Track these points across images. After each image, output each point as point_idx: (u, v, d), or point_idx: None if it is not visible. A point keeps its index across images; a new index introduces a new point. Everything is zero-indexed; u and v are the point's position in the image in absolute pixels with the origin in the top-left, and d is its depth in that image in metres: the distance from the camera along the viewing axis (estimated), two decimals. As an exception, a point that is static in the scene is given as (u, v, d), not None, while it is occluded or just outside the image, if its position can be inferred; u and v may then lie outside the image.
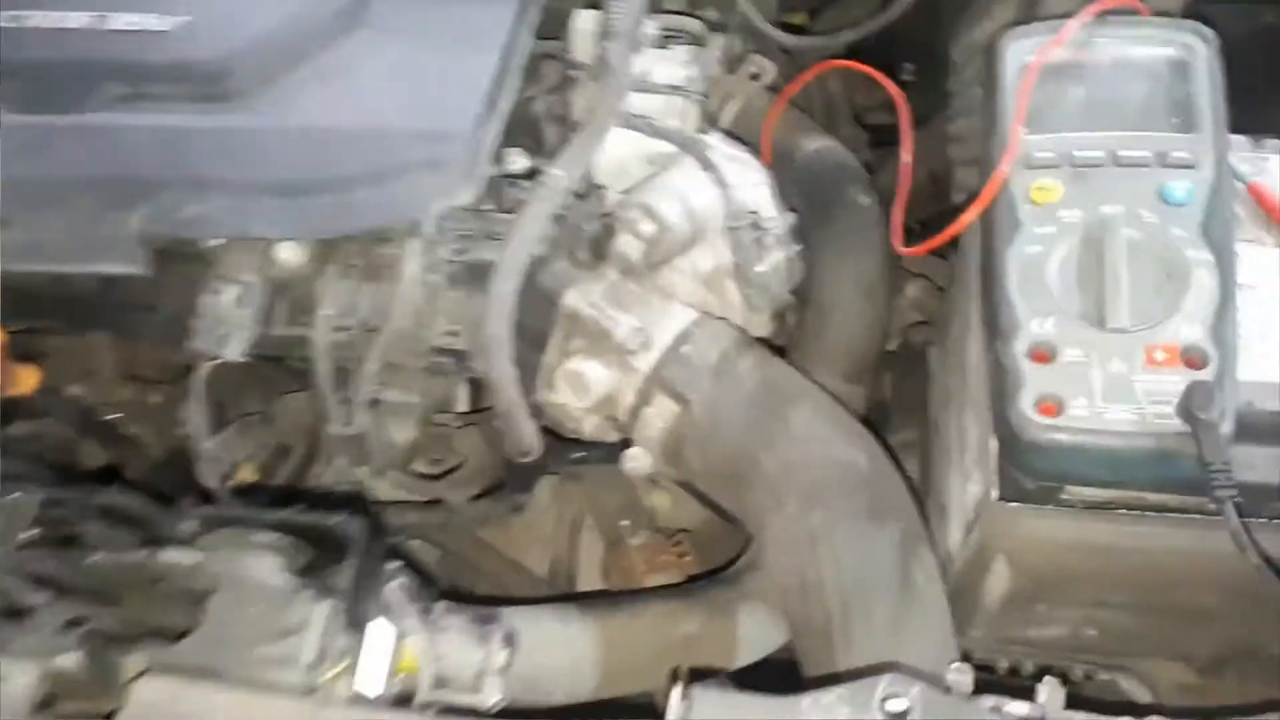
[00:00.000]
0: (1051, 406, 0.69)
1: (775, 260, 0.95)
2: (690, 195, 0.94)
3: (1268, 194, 0.79)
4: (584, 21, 1.06)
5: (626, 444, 0.95)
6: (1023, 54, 0.80)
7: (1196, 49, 0.78)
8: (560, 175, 0.90)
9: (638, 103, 1.04)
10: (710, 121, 1.10)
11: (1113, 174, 0.75)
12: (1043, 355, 0.71)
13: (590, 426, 0.96)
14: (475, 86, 0.95)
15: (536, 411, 0.97)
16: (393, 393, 0.97)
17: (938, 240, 0.81)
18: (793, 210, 1.01)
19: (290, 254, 0.95)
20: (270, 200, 0.92)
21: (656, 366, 0.91)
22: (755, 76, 1.22)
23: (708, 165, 0.93)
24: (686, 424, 0.90)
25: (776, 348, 1.07)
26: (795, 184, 1.13)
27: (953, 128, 1.30)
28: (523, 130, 1.09)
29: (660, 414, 0.91)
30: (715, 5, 1.25)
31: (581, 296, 0.93)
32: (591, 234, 0.95)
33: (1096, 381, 0.69)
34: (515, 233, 0.89)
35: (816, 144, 1.15)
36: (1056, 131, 0.78)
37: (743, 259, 0.93)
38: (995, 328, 0.74)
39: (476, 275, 0.95)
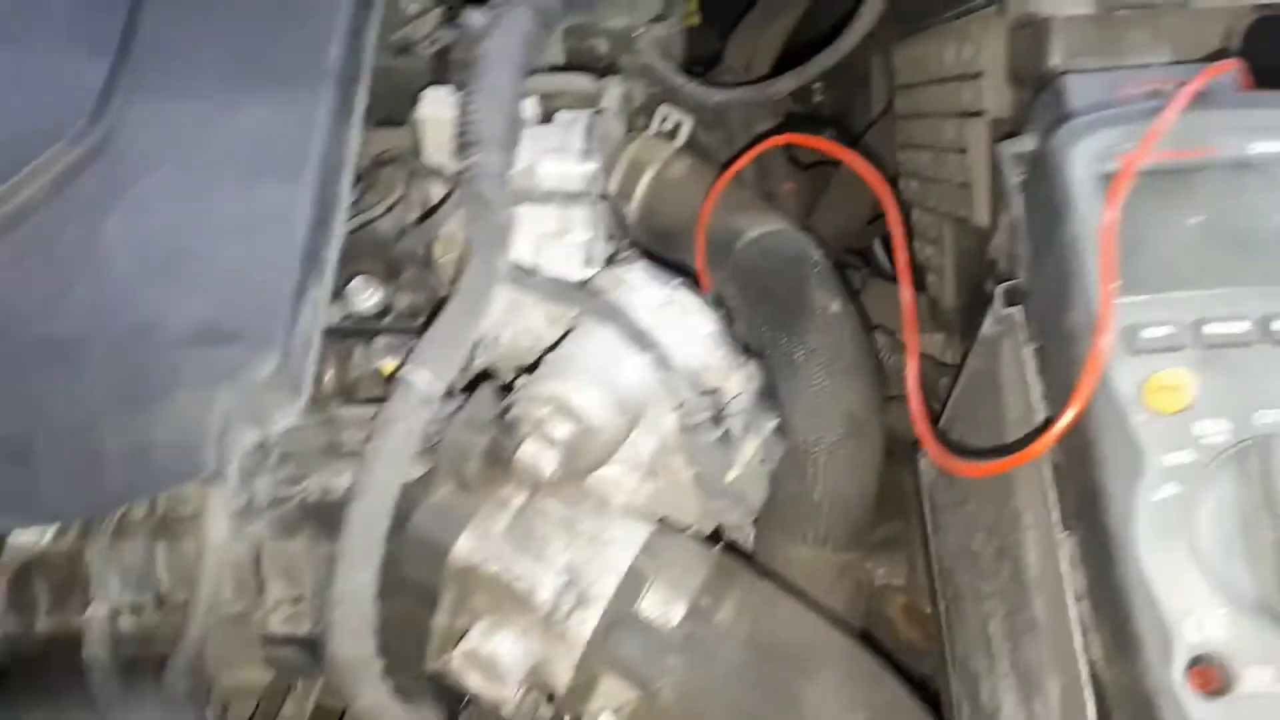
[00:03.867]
0: (1244, 773, 0.44)
1: (749, 455, 0.67)
2: (617, 374, 0.65)
3: None
4: (434, 105, 0.75)
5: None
6: (1099, 159, 0.53)
7: (1352, 137, 0.52)
8: (423, 380, 0.60)
9: (518, 216, 0.74)
10: (619, 224, 0.80)
11: (1267, 356, 0.49)
12: (1210, 682, 0.46)
13: (514, 708, 0.68)
14: (282, 241, 0.64)
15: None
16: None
17: (1008, 464, 0.54)
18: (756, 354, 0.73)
19: (28, 536, 0.64)
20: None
21: (598, 636, 0.63)
22: (668, 134, 0.93)
23: (642, 341, 0.64)
24: (655, 717, 0.63)
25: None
26: (737, 283, 0.86)
27: (907, 156, 1.05)
28: (367, 253, 0.79)
29: (613, 703, 0.63)
30: (605, 36, 0.95)
31: (476, 544, 0.64)
32: (482, 445, 0.66)
33: (1309, 727, 0.44)
34: (366, 471, 0.60)
35: (761, 227, 0.86)
36: (1167, 289, 0.51)
37: (706, 468, 0.65)
38: (1121, 635, 0.48)
39: (323, 517, 0.66)
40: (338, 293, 0.78)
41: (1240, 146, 0.52)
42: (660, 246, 0.94)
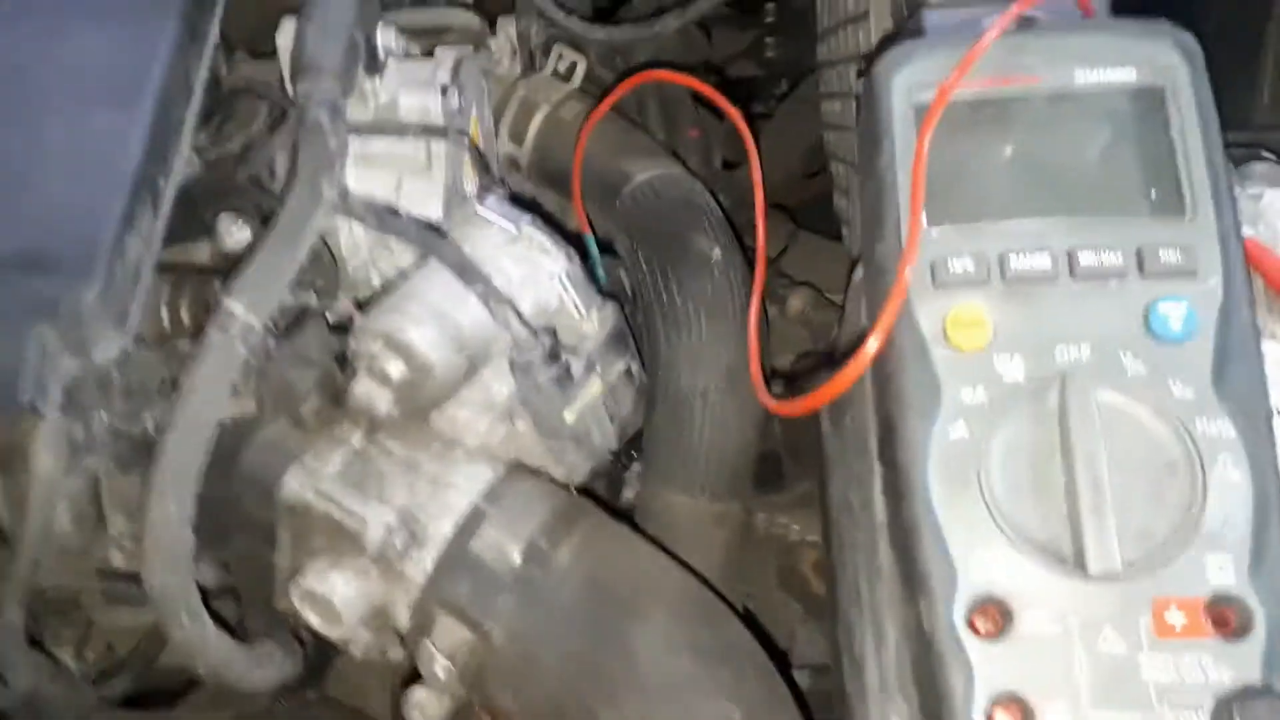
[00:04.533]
0: (1014, 716, 0.43)
1: (590, 399, 0.65)
2: (454, 312, 0.63)
3: (1267, 256, 0.52)
4: (288, 36, 0.73)
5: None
6: (917, 88, 0.51)
7: (1175, 69, 0.50)
8: (238, 310, 0.58)
9: (378, 150, 0.73)
10: (484, 163, 0.78)
11: (1069, 292, 0.47)
12: (992, 623, 0.44)
13: (363, 648, 0.67)
14: (110, 169, 0.62)
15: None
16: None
17: (816, 401, 0.52)
18: (613, 297, 0.72)
19: None
20: None
21: (433, 577, 0.62)
22: (564, 75, 0.91)
23: (469, 276, 0.62)
24: (486, 658, 0.62)
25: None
26: (624, 228, 0.84)
27: (827, 106, 1.02)
28: (234, 189, 0.77)
29: (448, 644, 0.62)
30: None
31: (305, 481, 0.63)
32: (316, 379, 0.65)
33: (1080, 669, 0.43)
34: (180, 401, 0.58)
35: (649, 171, 0.84)
36: (975, 219, 0.49)
37: (540, 409, 0.64)
38: (909, 574, 0.46)
39: (162, 451, 0.65)
40: (208, 230, 0.76)
41: (1062, 75, 0.50)
42: (554, 189, 0.92)
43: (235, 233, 0.75)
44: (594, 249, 0.83)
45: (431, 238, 0.63)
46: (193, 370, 0.58)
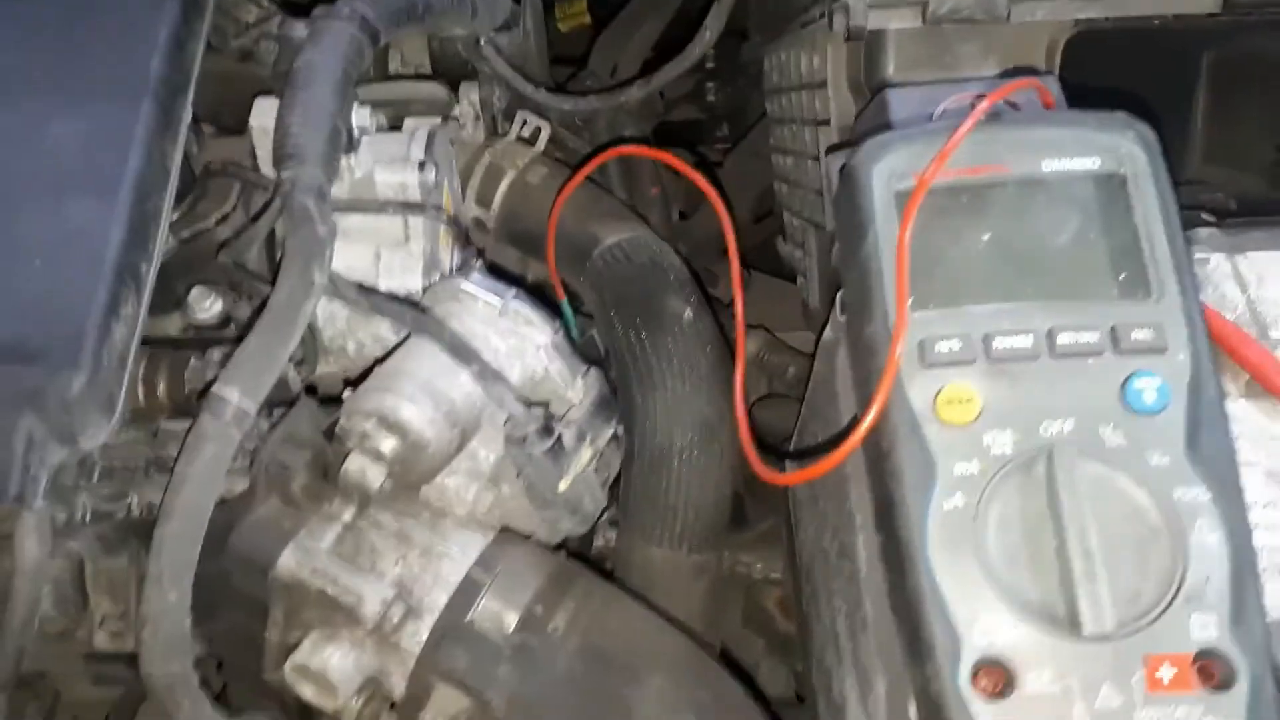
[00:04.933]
0: (1020, 773, 0.45)
1: (581, 466, 0.67)
2: (444, 387, 0.64)
3: (1220, 322, 0.56)
4: (262, 116, 0.73)
5: None
6: (896, 177, 0.54)
7: (1135, 158, 0.54)
8: (233, 397, 0.58)
9: (354, 225, 0.73)
10: (460, 235, 0.79)
11: (1051, 369, 0.51)
12: (996, 684, 0.47)
13: (354, 718, 0.67)
14: (91, 258, 0.62)
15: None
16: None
17: (814, 473, 0.54)
18: (594, 363, 0.73)
19: None
20: None
21: (429, 647, 0.63)
22: (527, 140, 0.92)
23: (463, 355, 0.64)
24: (485, 728, 0.63)
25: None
26: (594, 289, 0.86)
27: (778, 160, 1.06)
28: (207, 262, 0.77)
29: (447, 713, 0.63)
30: (461, 42, 0.94)
31: (301, 559, 0.63)
32: (307, 458, 0.65)
33: (1081, 726, 0.46)
34: (174, 492, 0.58)
35: (618, 234, 0.86)
36: (958, 303, 0.52)
37: (535, 482, 0.65)
38: (915, 639, 0.49)
39: (146, 534, 0.64)
40: (179, 303, 0.76)
41: (1030, 164, 0.54)
42: (522, 250, 0.94)
43: (208, 306, 0.75)
44: (569, 313, 0.84)
45: (423, 319, 0.64)
46: (187, 458, 0.58)
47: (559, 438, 0.65)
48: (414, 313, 0.65)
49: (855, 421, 0.52)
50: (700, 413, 0.81)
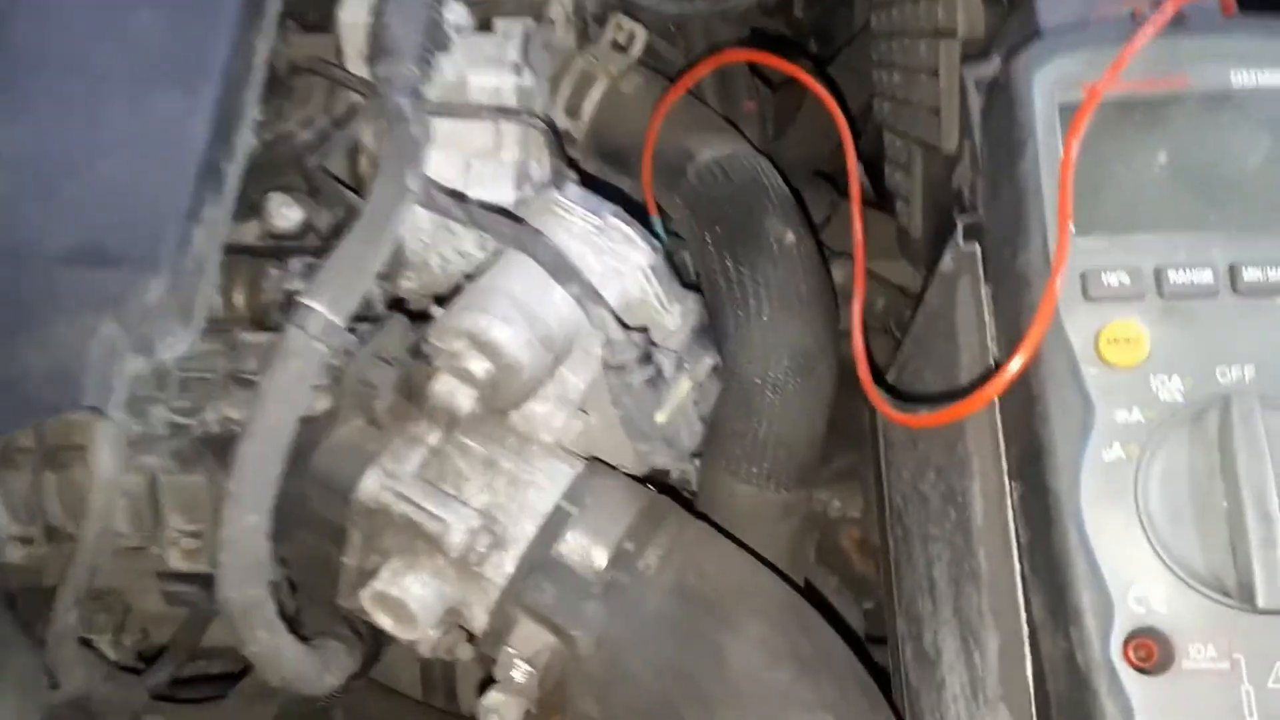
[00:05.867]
0: (1176, 757, 0.41)
1: (680, 397, 0.63)
2: (540, 308, 0.60)
3: None
4: (354, 12, 0.68)
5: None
6: (1061, 87, 0.48)
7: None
8: (318, 310, 0.55)
9: (444, 131, 0.68)
10: (555, 145, 0.74)
11: (1232, 309, 0.45)
12: (1150, 657, 0.42)
13: (430, 647, 0.65)
14: (175, 156, 0.58)
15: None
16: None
17: (951, 415, 0.50)
18: (694, 289, 0.68)
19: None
20: None
21: (515, 580, 0.60)
22: (621, 46, 0.86)
23: (564, 275, 0.59)
24: (570, 665, 0.60)
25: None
26: (688, 208, 0.80)
27: (881, 76, 0.99)
28: (287, 167, 0.73)
29: (529, 648, 0.60)
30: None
31: (385, 483, 0.60)
32: (394, 378, 0.61)
33: (1250, 708, 0.41)
34: (257, 408, 0.55)
35: (716, 149, 0.80)
36: (1128, 230, 0.47)
37: (632, 411, 0.61)
38: (1058, 602, 0.44)
39: (222, 449, 0.62)
40: (255, 209, 0.72)
41: (1217, 77, 0.47)
42: (610, 166, 0.88)
43: (285, 213, 0.71)
44: (661, 231, 0.80)
45: (522, 234, 0.60)
46: (271, 373, 0.55)
47: (659, 367, 0.61)
48: (513, 226, 0.61)
49: (999, 363, 0.47)
50: (798, 343, 0.76)
